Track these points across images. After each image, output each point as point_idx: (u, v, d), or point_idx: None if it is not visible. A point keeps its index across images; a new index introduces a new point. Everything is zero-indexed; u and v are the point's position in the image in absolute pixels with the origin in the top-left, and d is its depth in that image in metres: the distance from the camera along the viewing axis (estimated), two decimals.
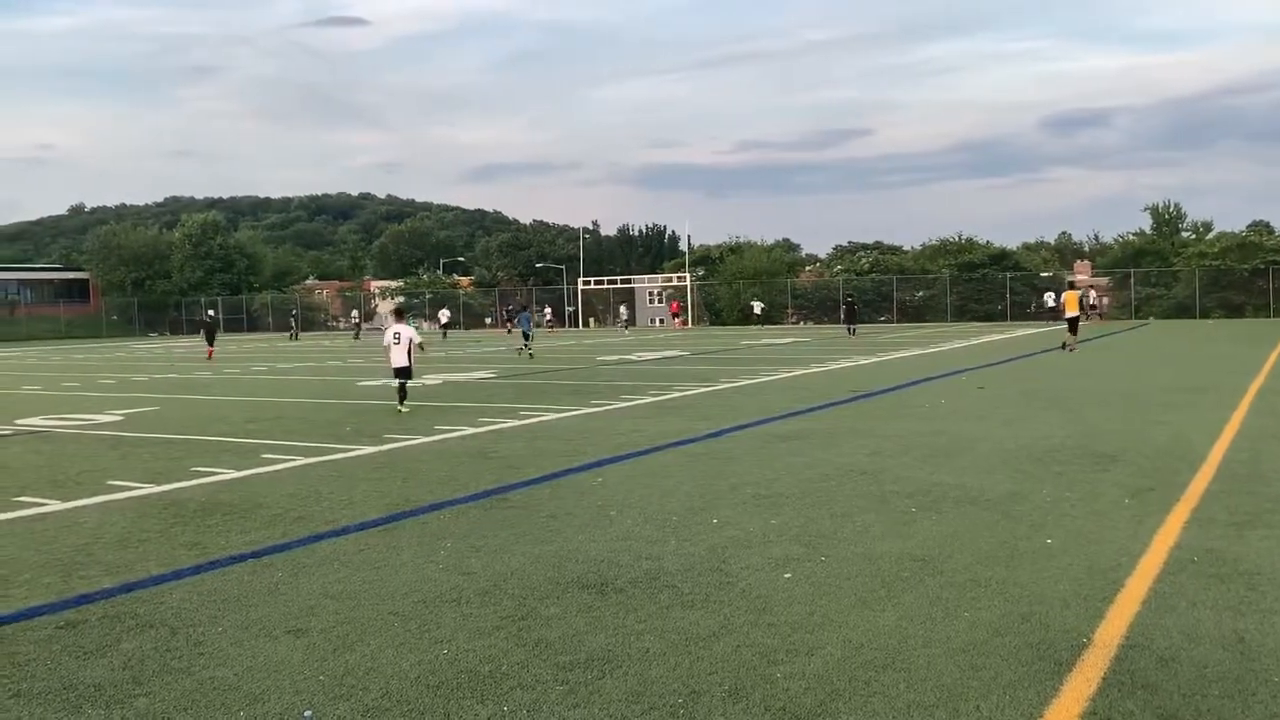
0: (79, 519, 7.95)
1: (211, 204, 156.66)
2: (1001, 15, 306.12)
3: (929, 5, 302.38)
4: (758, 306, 59.94)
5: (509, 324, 59.33)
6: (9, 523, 7.92)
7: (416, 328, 18.43)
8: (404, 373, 15.60)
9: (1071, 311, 27.35)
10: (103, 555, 6.74)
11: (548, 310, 64.64)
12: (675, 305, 66.87)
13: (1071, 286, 29.76)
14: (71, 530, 7.54)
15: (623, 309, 63.20)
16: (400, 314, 16.70)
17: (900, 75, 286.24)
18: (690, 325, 63.74)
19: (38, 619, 5.39)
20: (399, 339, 15.72)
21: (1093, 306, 53.72)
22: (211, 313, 48.19)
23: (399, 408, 15.10)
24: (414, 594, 5.65)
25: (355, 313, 62.17)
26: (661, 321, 67.41)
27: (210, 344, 35.56)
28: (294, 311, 63.95)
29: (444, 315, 56.68)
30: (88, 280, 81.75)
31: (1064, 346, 26.27)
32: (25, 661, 4.74)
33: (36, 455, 11.70)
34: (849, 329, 42.95)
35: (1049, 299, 53.04)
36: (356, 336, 54.14)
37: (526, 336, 31.27)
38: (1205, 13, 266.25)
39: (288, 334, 57.73)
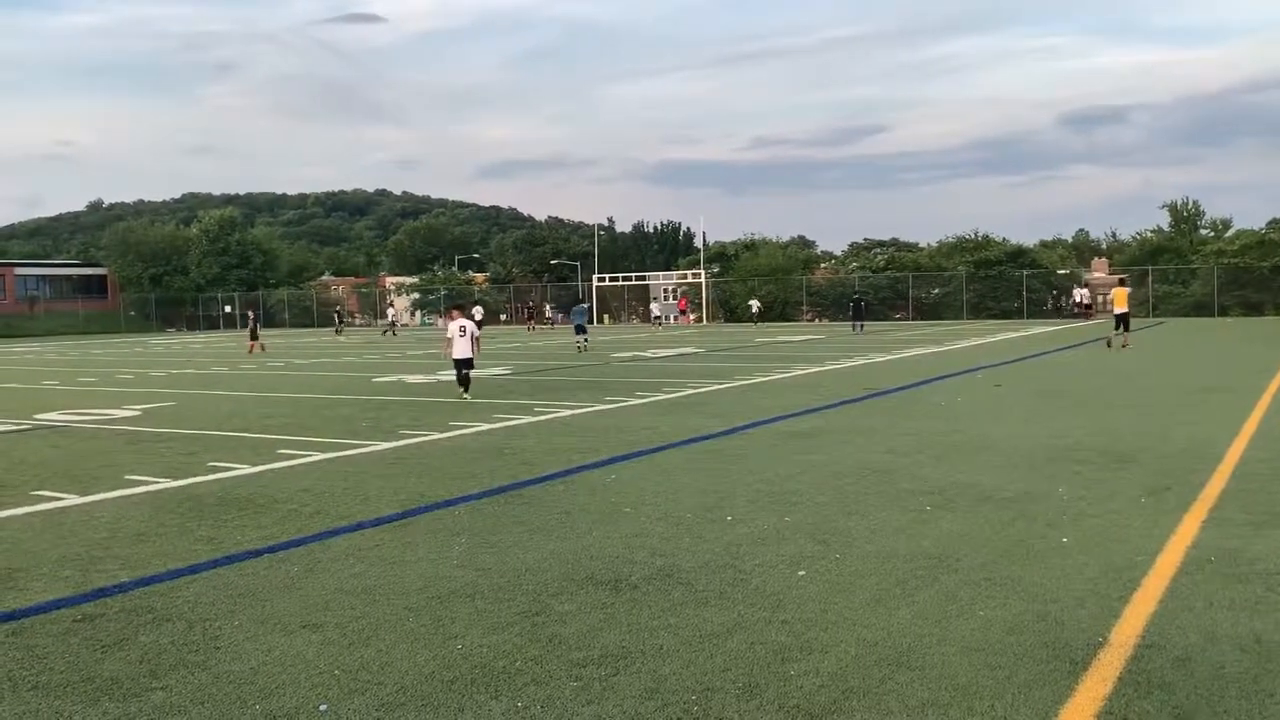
0: (96, 513, 8.00)
1: (228, 200, 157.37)
2: (1019, 12, 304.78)
3: (946, 3, 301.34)
4: (755, 305, 59.57)
5: (530, 321, 59.66)
6: (27, 516, 7.98)
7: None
8: (466, 364, 16.38)
9: (1120, 308, 27.39)
10: (120, 549, 6.78)
11: (548, 308, 64.74)
12: (683, 302, 66.79)
13: (1122, 284, 30.25)
14: (89, 524, 7.59)
15: (654, 306, 63.32)
16: (462, 308, 17.56)
17: (917, 73, 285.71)
18: (704, 322, 63.67)
19: (56, 612, 5.43)
20: (464, 331, 16.51)
21: (1087, 306, 53.55)
22: (229, 309, 48.81)
23: (463, 395, 16.06)
24: (428, 589, 5.67)
25: (391, 310, 63.30)
26: (675, 318, 67.42)
27: (254, 339, 36.05)
28: (338, 308, 66.96)
29: (478, 312, 57.38)
30: (106, 276, 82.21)
31: (1123, 345, 26.03)
32: (43, 654, 4.78)
33: (54, 450, 11.78)
34: (858, 326, 42.83)
35: (1084, 295, 52.89)
36: (394, 333, 54.29)
37: (581, 330, 31.27)
38: (1224, 9, 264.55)
39: (334, 329, 58.57)
